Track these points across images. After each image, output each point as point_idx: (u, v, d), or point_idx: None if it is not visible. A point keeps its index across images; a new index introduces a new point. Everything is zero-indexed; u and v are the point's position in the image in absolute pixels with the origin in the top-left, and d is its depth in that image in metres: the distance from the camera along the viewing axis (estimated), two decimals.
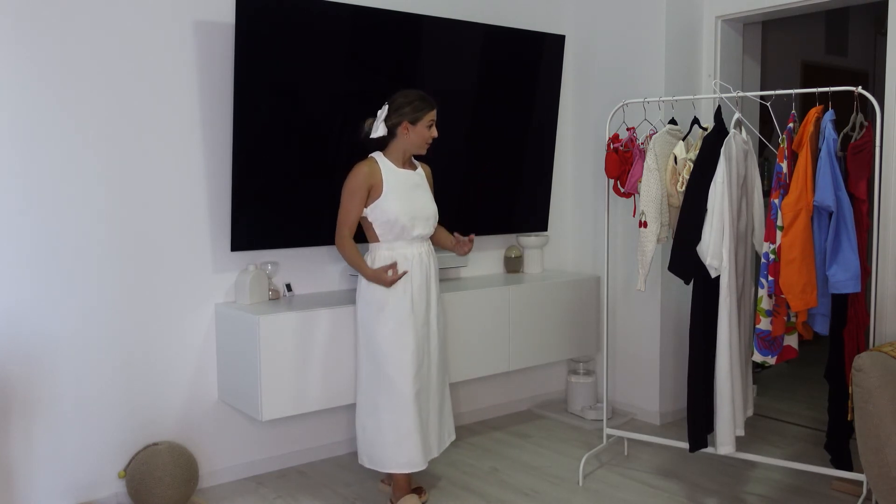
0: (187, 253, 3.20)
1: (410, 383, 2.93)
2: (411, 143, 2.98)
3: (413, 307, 2.95)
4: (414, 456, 2.96)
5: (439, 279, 3.15)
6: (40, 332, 2.89)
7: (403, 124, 2.94)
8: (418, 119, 2.94)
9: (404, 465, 2.97)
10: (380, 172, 2.94)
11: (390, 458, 2.97)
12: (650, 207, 3.12)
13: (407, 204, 2.95)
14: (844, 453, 3.10)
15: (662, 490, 3.22)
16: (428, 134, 2.98)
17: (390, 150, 3.00)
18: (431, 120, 2.97)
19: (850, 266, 2.76)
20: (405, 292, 2.94)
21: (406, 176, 3.00)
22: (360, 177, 2.92)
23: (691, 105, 3.65)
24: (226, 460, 3.34)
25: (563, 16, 4.29)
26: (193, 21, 3.13)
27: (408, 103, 2.94)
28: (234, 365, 3.18)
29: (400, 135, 2.96)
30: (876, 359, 2.50)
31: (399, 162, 2.99)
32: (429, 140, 3.00)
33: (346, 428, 3.66)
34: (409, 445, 2.94)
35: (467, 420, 4.06)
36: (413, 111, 2.93)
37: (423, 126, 2.95)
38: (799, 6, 3.67)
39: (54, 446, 2.94)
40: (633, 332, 4.11)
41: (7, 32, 2.75)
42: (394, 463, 2.97)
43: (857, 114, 2.89)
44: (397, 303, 2.93)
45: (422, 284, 2.99)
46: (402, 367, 2.92)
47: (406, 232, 2.96)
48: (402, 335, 2.93)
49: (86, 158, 2.94)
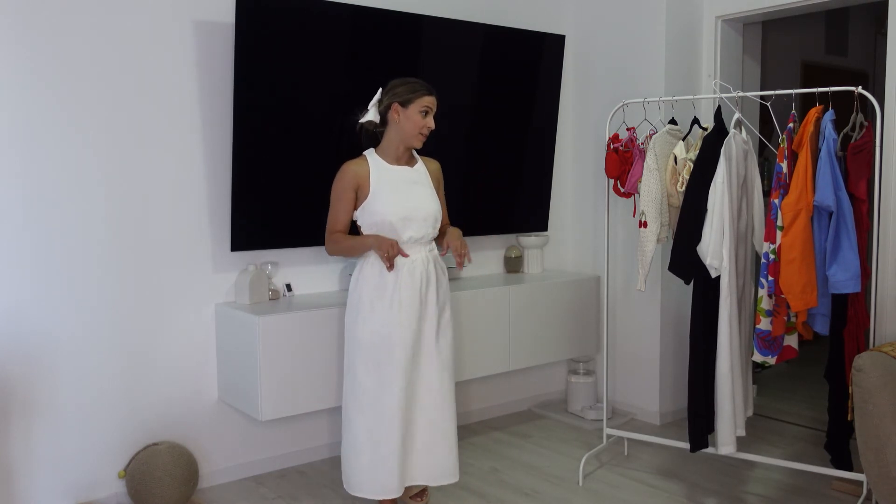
0: (187, 253, 3.20)
1: (395, 398, 2.70)
2: (403, 133, 2.73)
3: (401, 318, 2.71)
4: (389, 481, 2.73)
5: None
6: (40, 332, 2.89)
7: (394, 107, 2.71)
8: (410, 101, 2.69)
9: (378, 490, 2.75)
10: (367, 171, 2.74)
11: (364, 482, 2.76)
12: (650, 207, 3.12)
13: (397, 203, 2.72)
14: (844, 453, 3.10)
15: (662, 490, 3.22)
16: (422, 122, 2.72)
17: (383, 144, 2.79)
18: (426, 107, 2.72)
19: (850, 266, 2.76)
20: (393, 301, 2.72)
21: (399, 172, 2.78)
22: (346, 178, 2.73)
23: (691, 105, 3.65)
24: (226, 460, 3.34)
25: (563, 16, 4.29)
26: (193, 21, 3.13)
27: (402, 84, 2.73)
28: (233, 365, 3.18)
29: (391, 122, 2.73)
30: (876, 359, 2.50)
31: (392, 158, 2.78)
32: (423, 130, 2.74)
33: None
34: (386, 469, 2.72)
35: (467, 420, 4.06)
36: (406, 92, 2.70)
37: (416, 111, 2.71)
38: (799, 6, 3.67)
39: (54, 446, 2.94)
40: (633, 332, 4.11)
41: (7, 32, 2.75)
42: (367, 488, 2.76)
43: (857, 114, 2.89)
44: (384, 310, 2.72)
45: (413, 296, 2.73)
46: (385, 379, 2.71)
47: (397, 235, 2.72)
48: (385, 348, 2.71)
49: (86, 158, 2.94)
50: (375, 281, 2.76)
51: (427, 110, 2.74)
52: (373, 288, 2.76)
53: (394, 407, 2.72)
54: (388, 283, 2.74)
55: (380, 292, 2.74)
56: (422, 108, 2.73)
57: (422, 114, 2.73)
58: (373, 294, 2.75)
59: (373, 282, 2.76)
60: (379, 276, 2.75)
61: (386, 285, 2.74)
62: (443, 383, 2.83)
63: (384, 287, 2.74)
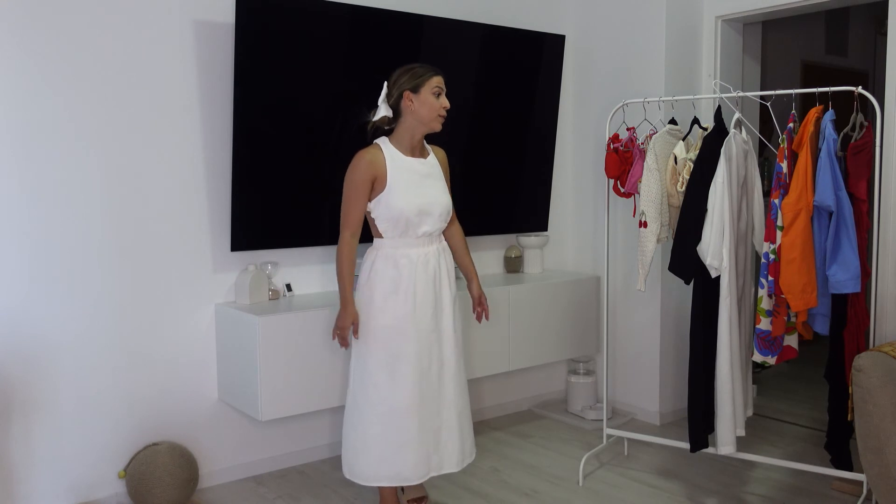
0: (187, 253, 3.20)
1: (411, 391, 2.72)
2: (420, 119, 2.69)
3: (415, 312, 2.73)
4: (402, 468, 2.74)
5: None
6: (40, 331, 2.89)
7: (405, 95, 2.67)
8: (420, 85, 2.67)
9: (393, 477, 2.75)
10: (383, 161, 2.69)
11: (375, 471, 2.76)
12: (650, 207, 3.12)
13: (414, 197, 2.70)
14: (844, 453, 3.10)
15: (662, 490, 3.22)
16: (437, 103, 2.68)
17: (396, 134, 2.74)
18: (437, 87, 2.69)
19: (851, 266, 2.76)
20: (408, 295, 2.72)
21: (414, 164, 2.74)
22: (361, 168, 2.67)
23: (691, 105, 3.65)
24: (226, 460, 3.34)
25: (563, 16, 4.29)
26: (193, 21, 3.13)
27: (406, 72, 2.69)
28: (233, 365, 3.18)
29: (405, 111, 2.70)
30: (876, 359, 2.50)
31: (406, 148, 2.74)
32: (440, 111, 2.70)
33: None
34: (400, 458, 2.73)
35: None
36: (413, 78, 2.67)
37: (429, 93, 2.67)
38: (799, 6, 3.67)
39: (54, 446, 2.94)
40: (633, 332, 4.11)
41: (6, 32, 2.75)
42: (377, 475, 2.76)
43: (857, 114, 2.89)
44: (398, 305, 2.72)
45: (427, 289, 2.75)
46: (400, 372, 2.72)
47: (412, 229, 2.72)
48: (398, 342, 2.72)
49: (86, 158, 2.94)
50: (390, 275, 2.74)
51: (439, 91, 2.72)
52: (388, 282, 2.74)
53: (408, 399, 2.73)
54: (404, 277, 2.73)
55: (394, 286, 2.73)
56: (433, 89, 2.70)
57: (435, 95, 2.70)
58: (387, 288, 2.74)
59: (387, 276, 2.74)
60: (394, 270, 2.73)
61: (401, 279, 2.73)
62: (460, 371, 2.89)
63: (399, 281, 2.73)
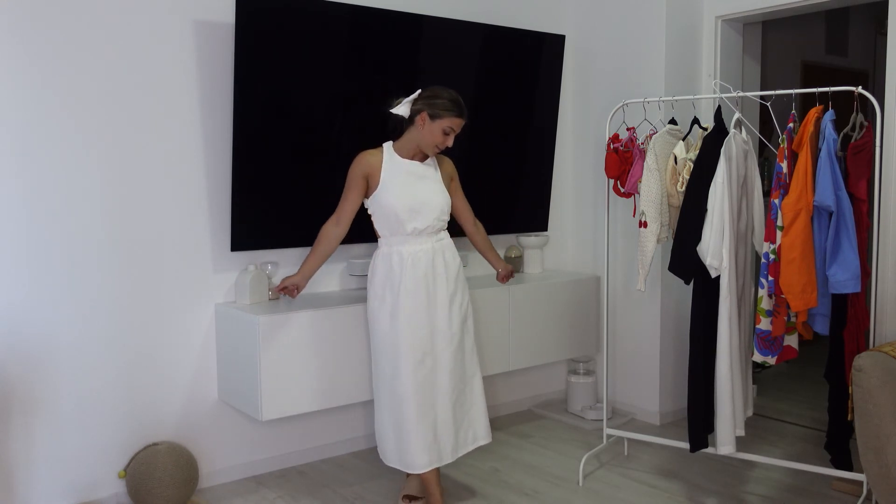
0: (187, 253, 3.20)
1: (406, 383, 2.84)
2: (422, 139, 2.86)
3: (407, 309, 2.84)
4: (411, 458, 2.88)
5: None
6: (40, 331, 2.89)
7: (422, 114, 2.82)
8: (438, 117, 2.81)
9: (408, 465, 2.91)
10: (380, 162, 2.86)
11: (392, 457, 2.94)
12: (650, 207, 3.12)
13: (406, 195, 2.84)
14: (844, 453, 3.10)
15: (662, 490, 3.22)
16: (441, 138, 2.84)
17: (402, 140, 2.91)
18: (451, 127, 2.84)
19: (851, 266, 2.76)
20: (404, 290, 2.85)
21: (410, 166, 2.90)
22: (358, 166, 2.87)
23: (691, 105, 3.65)
24: (226, 460, 3.34)
25: (563, 16, 4.29)
26: (193, 21, 3.13)
27: (439, 97, 2.82)
28: (233, 365, 3.18)
29: (416, 124, 2.85)
30: (876, 359, 2.50)
31: (407, 153, 2.90)
32: (440, 145, 2.86)
33: (346, 428, 3.66)
34: (404, 446, 2.88)
35: None
36: (439, 107, 2.81)
37: (440, 128, 2.82)
38: (799, 6, 3.67)
39: (54, 446, 2.94)
40: (633, 332, 4.11)
41: (6, 32, 2.75)
42: (397, 460, 2.93)
43: (857, 114, 2.89)
44: (395, 300, 2.85)
45: (417, 286, 2.85)
46: (398, 364, 2.85)
47: (402, 226, 2.85)
48: (398, 333, 2.85)
49: (85, 158, 2.94)
50: (384, 271, 2.91)
51: (450, 131, 2.85)
52: (384, 278, 2.90)
53: (407, 393, 2.85)
54: (395, 273, 2.87)
55: (390, 282, 2.88)
56: (446, 127, 2.83)
57: (444, 132, 2.84)
58: (384, 284, 2.89)
59: (382, 272, 2.91)
60: (387, 267, 2.90)
61: (393, 276, 2.88)
62: (458, 366, 2.95)
63: (392, 277, 2.88)
